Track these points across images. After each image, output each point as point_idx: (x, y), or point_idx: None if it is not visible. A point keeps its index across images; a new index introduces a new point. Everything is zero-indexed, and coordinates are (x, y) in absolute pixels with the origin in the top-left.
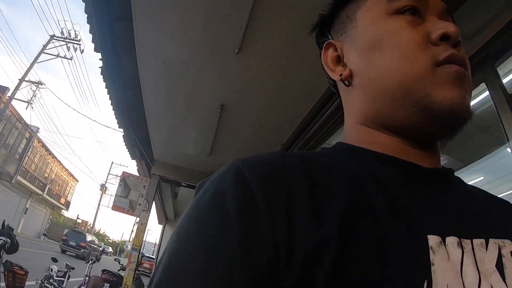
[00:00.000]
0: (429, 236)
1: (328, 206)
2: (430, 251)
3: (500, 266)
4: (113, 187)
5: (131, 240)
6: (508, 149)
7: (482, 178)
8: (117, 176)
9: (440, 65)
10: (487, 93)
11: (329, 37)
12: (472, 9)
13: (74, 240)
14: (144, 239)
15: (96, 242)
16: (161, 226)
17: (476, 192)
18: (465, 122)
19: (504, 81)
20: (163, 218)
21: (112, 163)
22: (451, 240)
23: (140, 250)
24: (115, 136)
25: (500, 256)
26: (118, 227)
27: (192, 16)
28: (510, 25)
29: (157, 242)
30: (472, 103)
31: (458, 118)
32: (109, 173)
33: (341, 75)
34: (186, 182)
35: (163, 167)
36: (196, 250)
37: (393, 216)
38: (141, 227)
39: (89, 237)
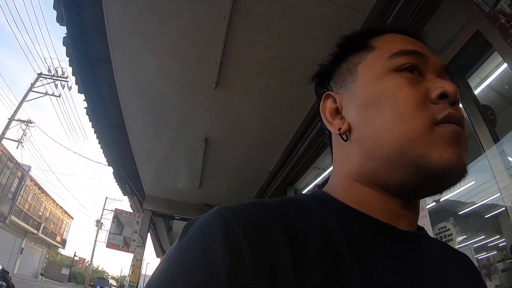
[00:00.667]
0: None
1: (306, 271)
2: None
3: None
4: (108, 222)
5: (129, 275)
6: (485, 159)
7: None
8: (111, 211)
9: (438, 124)
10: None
11: (329, 88)
12: (440, 23)
13: (100, 285)
14: (144, 273)
15: (114, 284)
16: (159, 259)
17: (441, 251)
18: (460, 180)
19: (476, 92)
20: (160, 252)
21: (106, 198)
22: None
23: (137, 286)
24: (108, 171)
25: None
26: (116, 262)
27: (168, 55)
28: (476, 37)
29: None
30: None
31: (454, 177)
32: (104, 208)
33: (339, 129)
34: (179, 215)
35: (154, 202)
36: None
37: (365, 282)
38: (137, 264)
39: (111, 281)
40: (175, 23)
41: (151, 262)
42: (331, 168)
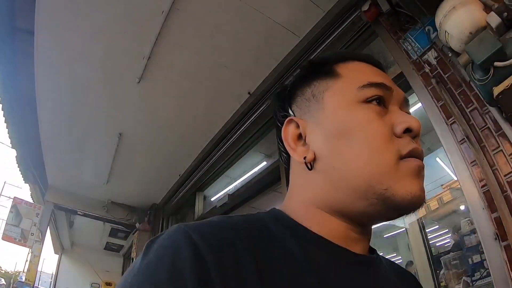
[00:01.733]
0: None
1: None
2: None
3: None
4: (4, 210)
5: (25, 271)
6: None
7: None
8: (9, 198)
9: (403, 158)
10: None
11: (290, 112)
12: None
13: None
14: (40, 270)
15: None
16: (57, 256)
17: (390, 271)
18: (418, 209)
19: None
20: (59, 248)
21: (4, 183)
22: None
23: (33, 286)
24: (10, 153)
25: None
26: (10, 255)
27: (95, 39)
28: (399, 78)
29: (54, 273)
30: None
31: (415, 207)
32: (0, 194)
33: (305, 157)
34: (82, 211)
35: (57, 193)
36: None
37: None
38: (34, 260)
39: None
40: (110, 7)
41: (47, 258)
42: (242, 178)
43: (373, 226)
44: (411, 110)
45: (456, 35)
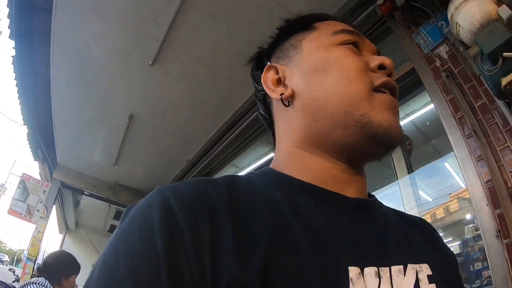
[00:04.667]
0: (350, 268)
1: (251, 243)
2: (350, 282)
3: None
4: (13, 188)
5: (28, 249)
6: (397, 186)
7: None
8: (18, 176)
9: (376, 89)
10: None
11: (269, 63)
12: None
13: None
14: (44, 249)
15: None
16: (61, 236)
17: (395, 217)
18: (397, 144)
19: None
20: (64, 227)
21: (15, 161)
22: (369, 271)
23: (36, 260)
24: (21, 132)
25: (417, 280)
26: (16, 234)
27: (112, 21)
28: (410, 73)
29: None
30: None
31: (393, 139)
32: (10, 173)
33: (282, 94)
34: (89, 191)
35: (66, 172)
36: (123, 284)
37: (314, 250)
38: (38, 236)
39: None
40: None
41: (52, 238)
42: (249, 168)
43: None
44: (421, 110)
45: (467, 27)
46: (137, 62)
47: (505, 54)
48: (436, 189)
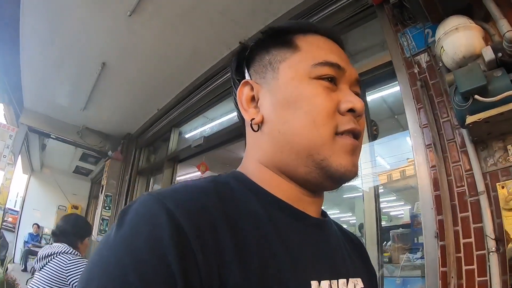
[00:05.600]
0: (312, 282)
1: (247, 254)
2: None
3: None
4: None
5: None
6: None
7: None
8: None
9: (339, 134)
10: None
11: (247, 74)
12: (363, 38)
13: None
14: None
15: None
16: (26, 176)
17: (340, 234)
18: (352, 180)
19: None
20: (29, 169)
21: None
22: (324, 284)
23: (4, 208)
24: None
25: None
26: None
27: None
28: (387, 65)
29: (22, 195)
30: None
31: (349, 178)
32: None
33: (252, 119)
34: (56, 135)
35: (33, 116)
36: None
37: (290, 265)
38: (6, 183)
39: None
40: None
41: (14, 178)
42: (219, 120)
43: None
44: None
45: (451, 54)
46: (114, 11)
47: (476, 97)
48: (396, 153)
